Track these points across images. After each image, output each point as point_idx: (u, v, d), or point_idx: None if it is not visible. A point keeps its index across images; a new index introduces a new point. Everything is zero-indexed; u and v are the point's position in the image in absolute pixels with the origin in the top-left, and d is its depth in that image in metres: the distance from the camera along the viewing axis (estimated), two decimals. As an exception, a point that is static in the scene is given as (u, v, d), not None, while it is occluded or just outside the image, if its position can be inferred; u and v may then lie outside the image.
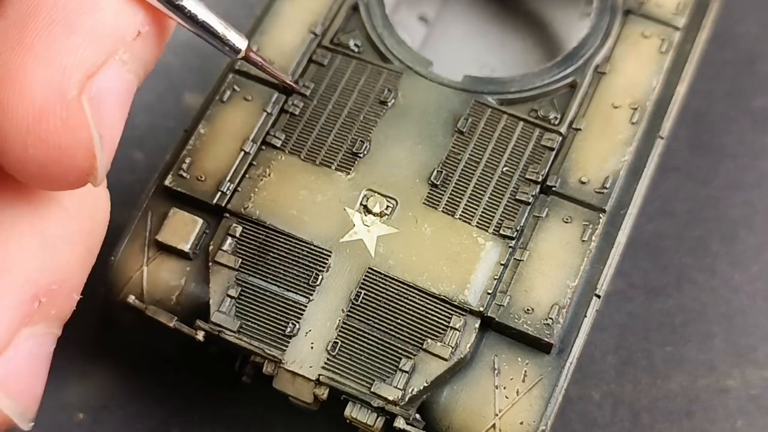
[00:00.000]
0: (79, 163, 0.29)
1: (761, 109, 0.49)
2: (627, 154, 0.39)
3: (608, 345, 0.44)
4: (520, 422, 0.35)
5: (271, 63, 0.36)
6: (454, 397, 0.36)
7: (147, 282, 0.38)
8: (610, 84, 0.41)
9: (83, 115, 0.28)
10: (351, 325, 0.36)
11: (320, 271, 0.37)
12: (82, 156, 0.28)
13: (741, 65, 0.50)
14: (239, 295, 0.37)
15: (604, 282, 0.37)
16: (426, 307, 0.37)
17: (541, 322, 0.36)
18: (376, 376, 0.36)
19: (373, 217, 0.38)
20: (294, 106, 0.40)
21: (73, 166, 0.28)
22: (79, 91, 0.28)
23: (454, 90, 0.41)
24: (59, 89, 0.28)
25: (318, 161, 0.39)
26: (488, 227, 0.38)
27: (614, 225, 0.38)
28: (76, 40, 0.28)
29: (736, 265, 0.46)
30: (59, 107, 0.28)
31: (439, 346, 0.36)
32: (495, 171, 0.39)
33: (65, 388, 0.43)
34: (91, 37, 0.28)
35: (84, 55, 0.28)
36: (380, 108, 0.40)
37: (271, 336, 0.36)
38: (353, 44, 0.42)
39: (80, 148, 0.28)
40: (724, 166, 0.48)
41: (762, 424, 0.42)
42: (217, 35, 0.32)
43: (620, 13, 0.42)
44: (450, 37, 0.47)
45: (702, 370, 0.43)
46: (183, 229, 0.38)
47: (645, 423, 0.42)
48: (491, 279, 0.37)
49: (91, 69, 0.28)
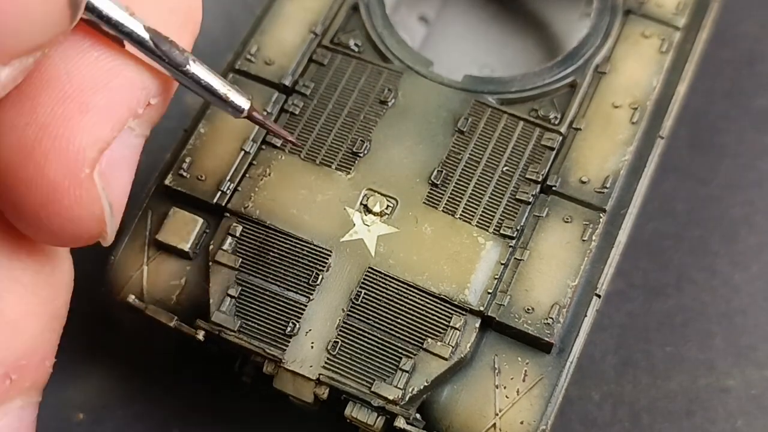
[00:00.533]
0: (90, 231, 0.29)
1: (761, 109, 0.49)
2: (627, 153, 0.39)
3: (608, 345, 0.44)
4: (520, 422, 0.35)
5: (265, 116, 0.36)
6: (455, 397, 0.36)
7: (147, 281, 0.38)
8: (611, 84, 0.41)
9: (95, 191, 0.29)
10: (351, 324, 0.36)
11: (320, 271, 0.37)
12: (93, 226, 0.29)
13: (741, 65, 0.50)
14: (239, 294, 0.37)
15: (604, 281, 0.37)
16: (426, 306, 0.36)
17: (541, 322, 0.36)
18: (377, 376, 0.36)
19: (373, 217, 0.38)
20: (294, 106, 0.40)
21: (84, 234, 0.29)
22: (92, 169, 0.29)
23: (454, 90, 0.41)
24: (73, 169, 0.28)
25: (318, 161, 0.39)
26: (488, 227, 0.38)
27: (614, 224, 0.38)
28: (91, 119, 0.28)
29: (736, 264, 0.46)
30: (73, 186, 0.28)
31: (439, 346, 0.36)
32: (495, 171, 0.39)
33: (65, 388, 0.43)
34: (105, 115, 0.29)
35: (97, 134, 0.29)
36: (380, 107, 0.40)
37: (271, 335, 0.36)
38: (353, 44, 0.42)
39: (92, 219, 0.29)
40: (724, 165, 0.48)
41: (762, 424, 0.42)
42: (221, 98, 0.32)
43: (620, 13, 0.42)
44: (450, 37, 0.47)
45: (702, 370, 0.43)
46: (183, 228, 0.38)
47: (645, 423, 0.42)
48: (491, 278, 0.37)
49: (104, 145, 0.29)
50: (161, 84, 0.31)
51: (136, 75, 0.30)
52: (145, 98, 0.30)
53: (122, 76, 0.29)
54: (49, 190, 0.28)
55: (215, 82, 0.32)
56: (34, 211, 0.29)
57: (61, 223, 0.29)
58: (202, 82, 0.32)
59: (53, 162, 0.28)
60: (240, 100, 0.33)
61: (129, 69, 0.30)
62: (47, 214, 0.28)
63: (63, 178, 0.28)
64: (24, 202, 0.28)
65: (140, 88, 0.30)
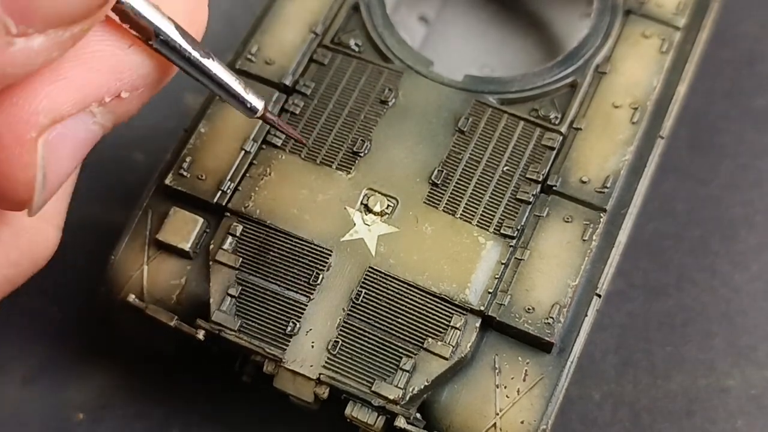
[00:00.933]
0: (18, 194, 0.30)
1: (761, 109, 0.49)
2: (627, 153, 0.39)
3: (608, 345, 0.44)
4: (520, 421, 0.35)
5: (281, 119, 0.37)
6: (455, 397, 0.36)
7: (147, 281, 0.38)
8: (611, 84, 0.41)
9: (34, 156, 0.29)
10: (352, 324, 0.36)
11: (321, 270, 0.37)
12: (21, 189, 0.29)
13: (741, 65, 0.50)
14: (240, 294, 0.37)
15: (604, 281, 0.37)
16: (427, 306, 0.36)
17: (541, 322, 0.36)
18: (377, 375, 0.36)
19: (373, 216, 0.38)
20: (295, 105, 0.40)
21: (10, 194, 0.29)
22: (39, 134, 0.29)
23: (454, 89, 0.41)
24: (22, 128, 0.28)
25: (319, 160, 0.39)
26: (489, 226, 0.38)
27: (615, 224, 0.38)
28: (56, 88, 0.29)
29: (736, 265, 0.46)
30: (15, 144, 0.28)
31: (439, 345, 0.36)
32: (496, 170, 0.39)
33: (65, 388, 0.42)
34: (70, 90, 0.29)
35: (56, 104, 0.29)
36: (381, 107, 0.40)
37: (271, 335, 0.36)
38: (354, 44, 0.42)
39: (22, 182, 0.29)
40: (724, 166, 0.48)
41: (762, 424, 0.42)
42: (237, 97, 0.33)
43: (621, 13, 0.42)
44: (450, 37, 0.47)
45: (702, 370, 0.43)
46: (183, 228, 0.38)
47: (645, 423, 0.42)
48: (492, 278, 0.37)
49: (58, 117, 0.29)
50: (147, 79, 0.31)
51: (120, 64, 0.30)
52: (117, 89, 0.30)
53: (105, 61, 0.30)
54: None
55: (232, 81, 0.33)
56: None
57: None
58: (221, 81, 0.32)
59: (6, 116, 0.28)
60: (255, 100, 0.34)
61: (117, 57, 0.30)
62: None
63: (9, 133, 0.28)
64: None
65: (117, 78, 0.30)
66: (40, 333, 0.44)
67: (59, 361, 0.43)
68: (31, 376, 0.43)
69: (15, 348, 0.43)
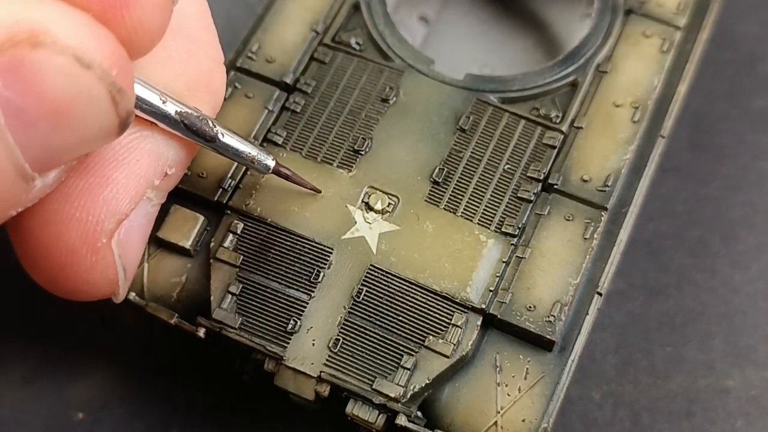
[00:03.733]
0: (104, 292, 0.32)
1: (761, 109, 0.49)
2: (628, 152, 0.39)
3: (608, 345, 0.44)
4: (521, 420, 0.35)
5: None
6: (456, 395, 0.36)
7: (148, 279, 0.38)
8: (612, 83, 0.41)
9: (111, 258, 0.31)
10: (352, 322, 0.36)
11: (322, 268, 0.37)
12: (106, 287, 0.31)
13: (741, 65, 0.50)
14: (240, 292, 0.37)
15: (605, 280, 0.37)
16: (428, 304, 0.36)
17: (543, 320, 0.36)
18: (378, 373, 0.36)
19: (374, 214, 0.38)
20: (295, 104, 0.40)
21: (98, 294, 0.32)
22: (109, 239, 0.30)
23: (455, 88, 0.41)
24: (91, 238, 0.30)
25: (319, 158, 0.39)
26: (490, 225, 0.38)
27: (616, 223, 0.38)
28: (110, 192, 0.30)
29: (736, 265, 0.46)
30: (90, 253, 0.30)
31: (440, 343, 0.36)
32: (497, 169, 0.39)
33: (65, 387, 0.42)
34: (124, 189, 0.30)
35: (116, 207, 0.30)
36: (382, 106, 0.40)
37: (272, 333, 0.36)
38: (355, 42, 0.42)
39: (106, 282, 0.31)
40: (723, 166, 0.48)
41: (762, 424, 0.42)
42: (248, 160, 0.35)
43: (621, 13, 0.42)
44: (450, 37, 0.47)
45: (702, 370, 0.43)
46: (184, 225, 0.38)
47: (645, 423, 0.42)
48: (493, 276, 0.37)
49: (122, 217, 0.30)
50: (182, 153, 0.32)
51: (156, 147, 0.31)
52: (163, 170, 0.32)
53: (141, 150, 0.31)
54: (67, 254, 0.30)
55: (243, 148, 0.35)
56: (53, 273, 0.30)
57: (77, 284, 0.31)
58: (231, 150, 0.34)
59: (73, 230, 0.29)
60: (266, 160, 0.36)
61: (149, 142, 0.31)
62: (64, 276, 0.30)
63: (81, 245, 0.30)
64: (43, 264, 0.30)
65: (158, 160, 0.32)
66: (40, 333, 0.44)
67: (59, 361, 0.43)
68: (31, 376, 0.43)
69: (15, 348, 0.43)
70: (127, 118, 0.27)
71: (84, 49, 0.26)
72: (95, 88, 0.26)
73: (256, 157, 0.35)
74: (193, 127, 0.32)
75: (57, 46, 0.25)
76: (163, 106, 0.31)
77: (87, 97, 0.26)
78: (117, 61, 0.26)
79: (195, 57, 0.33)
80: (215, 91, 0.34)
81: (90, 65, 0.26)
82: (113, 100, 0.27)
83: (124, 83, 0.27)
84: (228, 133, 0.34)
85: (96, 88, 0.26)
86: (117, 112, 0.27)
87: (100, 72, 0.26)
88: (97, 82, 0.26)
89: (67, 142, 0.27)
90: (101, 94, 0.26)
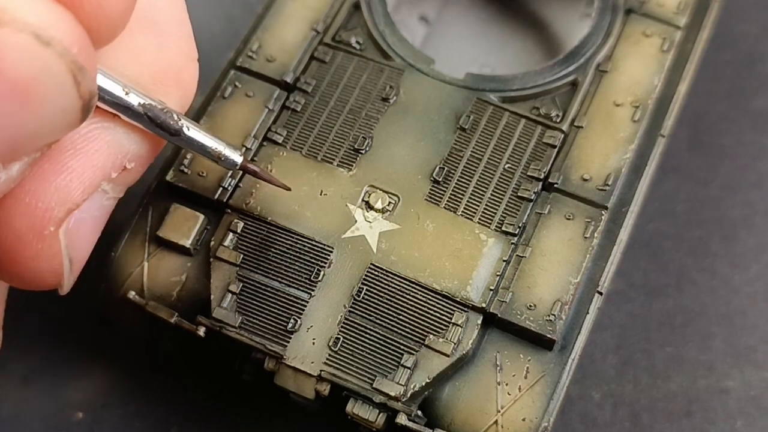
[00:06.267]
0: (48, 282, 0.31)
1: (761, 109, 0.49)
2: (629, 151, 0.39)
3: (608, 345, 0.44)
4: (522, 419, 0.35)
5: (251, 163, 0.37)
6: (456, 394, 0.36)
7: (148, 277, 0.38)
8: (612, 82, 0.41)
9: (57, 247, 0.30)
10: (353, 321, 0.36)
11: (322, 267, 0.37)
12: (50, 278, 0.30)
13: (741, 65, 0.50)
14: (240, 290, 0.37)
15: (606, 279, 0.37)
16: (428, 303, 0.36)
17: (543, 319, 0.36)
18: (378, 372, 0.36)
19: (375, 213, 0.38)
20: (296, 103, 0.40)
21: (41, 283, 0.30)
22: (57, 226, 0.29)
23: (456, 87, 0.41)
24: (39, 225, 0.29)
25: (320, 157, 0.39)
26: (490, 224, 0.38)
27: (616, 222, 0.38)
28: (63, 180, 0.29)
29: (736, 265, 0.46)
30: (36, 240, 0.29)
31: (441, 342, 0.36)
32: (497, 168, 0.39)
33: (65, 387, 0.42)
34: (78, 178, 0.29)
35: (68, 195, 0.29)
36: (382, 105, 0.40)
37: (272, 332, 0.36)
38: (355, 41, 0.42)
39: (50, 272, 0.30)
40: (723, 166, 0.48)
41: (762, 424, 0.42)
42: (215, 157, 0.34)
43: (622, 12, 0.42)
44: (450, 37, 0.47)
45: (702, 370, 0.43)
46: (184, 224, 0.38)
47: (645, 423, 0.42)
48: (493, 275, 0.37)
49: (73, 206, 0.30)
50: (144, 148, 0.32)
51: (116, 139, 0.31)
52: (122, 163, 0.31)
53: (101, 141, 0.30)
54: (13, 239, 0.29)
55: (209, 142, 0.34)
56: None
57: (21, 271, 0.30)
58: (196, 144, 0.33)
59: (21, 215, 0.29)
60: (233, 155, 0.34)
61: (109, 133, 0.31)
62: (8, 261, 0.29)
63: (27, 231, 0.29)
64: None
65: (118, 153, 0.31)
66: (40, 333, 0.44)
67: (59, 360, 0.43)
68: (31, 376, 0.43)
69: (15, 348, 0.43)
70: (90, 100, 0.27)
71: (43, 26, 0.25)
72: (56, 65, 0.25)
73: (223, 153, 0.34)
74: (157, 119, 0.31)
75: (16, 23, 0.24)
76: (125, 96, 0.30)
77: (48, 74, 0.25)
78: (77, 39, 0.26)
79: (164, 50, 0.32)
80: (184, 86, 0.33)
81: (49, 42, 0.25)
82: (75, 80, 0.26)
83: (85, 62, 0.26)
84: (194, 127, 0.33)
85: (57, 65, 0.25)
86: (79, 93, 0.26)
87: (60, 49, 0.25)
88: (57, 59, 0.25)
89: (30, 127, 0.26)
90: (62, 72, 0.26)
